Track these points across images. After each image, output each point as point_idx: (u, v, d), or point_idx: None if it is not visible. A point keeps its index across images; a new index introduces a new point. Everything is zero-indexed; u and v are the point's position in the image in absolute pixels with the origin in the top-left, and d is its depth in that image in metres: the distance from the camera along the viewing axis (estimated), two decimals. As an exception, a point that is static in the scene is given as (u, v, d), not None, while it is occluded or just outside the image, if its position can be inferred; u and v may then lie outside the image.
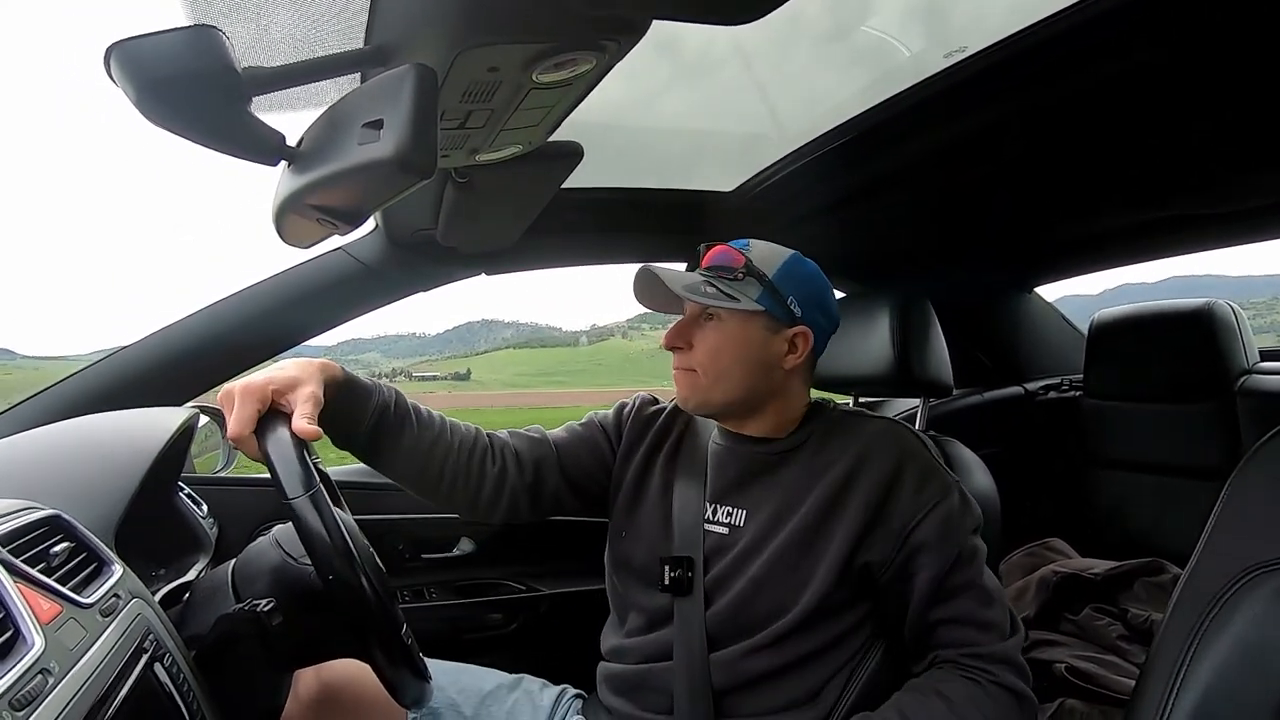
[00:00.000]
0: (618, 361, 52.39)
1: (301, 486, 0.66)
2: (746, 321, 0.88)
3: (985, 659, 0.80)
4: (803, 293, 0.89)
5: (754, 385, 0.89)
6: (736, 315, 0.88)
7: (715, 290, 0.86)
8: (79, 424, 0.90)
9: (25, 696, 0.42)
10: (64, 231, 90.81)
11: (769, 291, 0.87)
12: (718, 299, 0.86)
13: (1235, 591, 0.55)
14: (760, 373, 0.89)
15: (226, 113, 0.48)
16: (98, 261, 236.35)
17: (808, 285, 0.90)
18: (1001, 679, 0.79)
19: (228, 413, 0.72)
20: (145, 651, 0.59)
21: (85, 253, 46.61)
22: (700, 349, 0.89)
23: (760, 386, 0.89)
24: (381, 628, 0.69)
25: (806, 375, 0.94)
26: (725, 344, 0.88)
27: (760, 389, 0.90)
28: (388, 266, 1.26)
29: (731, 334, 0.88)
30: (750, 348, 0.88)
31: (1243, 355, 1.62)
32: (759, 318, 0.88)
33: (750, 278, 0.87)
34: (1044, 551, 1.68)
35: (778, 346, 0.89)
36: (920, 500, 0.83)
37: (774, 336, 0.88)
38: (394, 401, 0.89)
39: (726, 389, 0.89)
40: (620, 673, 0.94)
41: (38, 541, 0.58)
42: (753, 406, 0.91)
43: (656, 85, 0.97)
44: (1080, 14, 0.72)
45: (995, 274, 1.87)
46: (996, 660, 0.80)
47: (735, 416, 0.93)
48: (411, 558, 1.37)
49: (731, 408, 0.91)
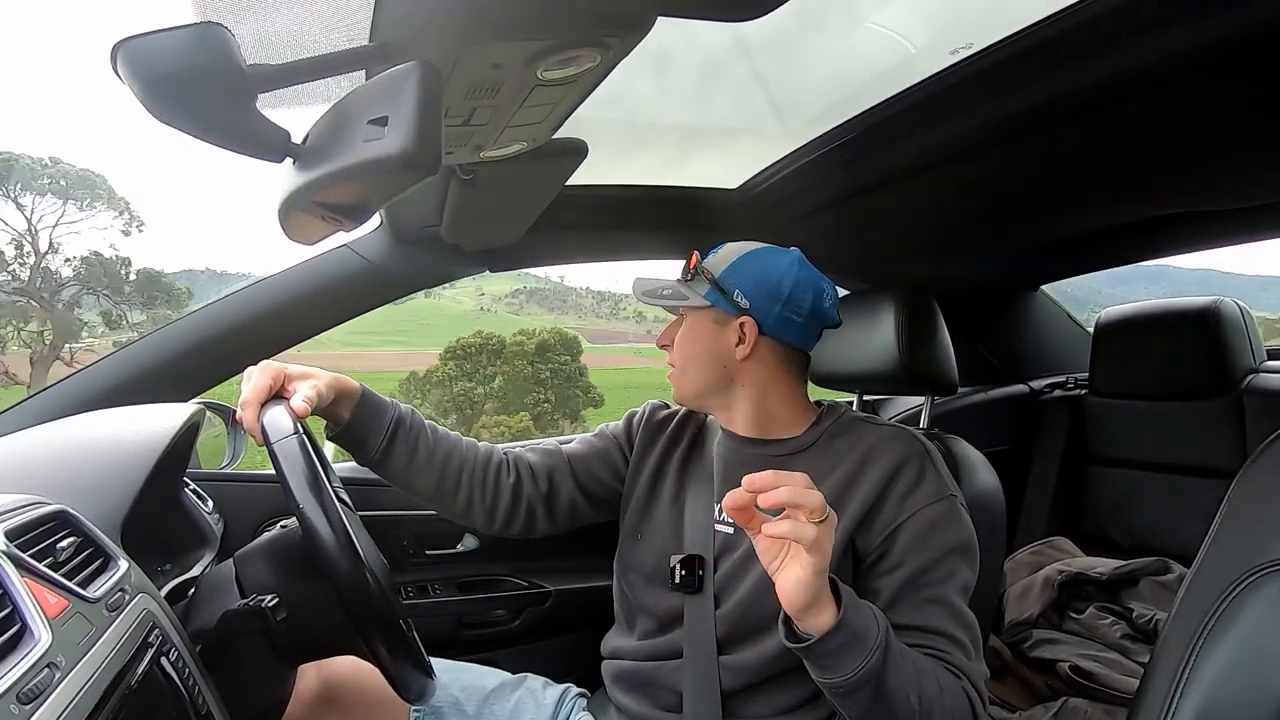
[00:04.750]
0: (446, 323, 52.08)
1: (285, 433, 0.70)
2: (699, 317, 0.94)
3: (958, 668, 0.78)
4: (751, 284, 0.91)
5: (711, 375, 0.94)
6: (693, 312, 0.95)
7: (671, 290, 0.95)
8: (85, 420, 0.91)
9: (32, 690, 0.43)
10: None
11: (714, 287, 0.92)
12: (673, 299, 0.95)
13: (1241, 591, 0.55)
14: (714, 363, 0.93)
15: (232, 110, 0.49)
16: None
17: (760, 278, 0.91)
18: (970, 690, 0.77)
19: (245, 385, 0.80)
20: (151, 646, 0.60)
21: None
22: (675, 345, 0.97)
23: (718, 376, 0.94)
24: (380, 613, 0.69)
25: (781, 364, 0.93)
26: (685, 338, 0.96)
27: (719, 378, 0.94)
28: (392, 263, 1.26)
29: (689, 329, 0.95)
30: (703, 340, 0.94)
31: (1250, 354, 1.61)
32: (708, 312, 0.93)
33: (699, 277, 0.93)
34: (1049, 550, 1.68)
35: (728, 338, 0.92)
36: (910, 501, 0.83)
37: (723, 328, 0.92)
38: (409, 416, 0.93)
39: (692, 379, 0.95)
40: (629, 669, 0.95)
41: (44, 536, 0.58)
42: (718, 395, 0.95)
43: (661, 82, 0.97)
44: (1087, 10, 0.72)
45: (1001, 271, 1.86)
46: (968, 674, 0.78)
47: (715, 409, 0.98)
48: (416, 554, 1.37)
49: (702, 398, 0.97)
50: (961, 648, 0.79)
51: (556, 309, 78.33)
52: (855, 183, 1.19)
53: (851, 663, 0.67)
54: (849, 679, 0.67)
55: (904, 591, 0.80)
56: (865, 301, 1.21)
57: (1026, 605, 1.52)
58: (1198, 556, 0.62)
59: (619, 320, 67.46)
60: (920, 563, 0.81)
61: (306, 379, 0.81)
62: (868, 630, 0.68)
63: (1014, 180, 1.19)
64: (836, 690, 0.69)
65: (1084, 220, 1.52)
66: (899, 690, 0.69)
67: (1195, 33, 0.70)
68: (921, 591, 0.80)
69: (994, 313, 1.99)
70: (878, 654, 0.67)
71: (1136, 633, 1.41)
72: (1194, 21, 0.69)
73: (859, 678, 0.67)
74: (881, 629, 0.69)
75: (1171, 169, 1.13)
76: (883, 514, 0.83)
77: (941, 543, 0.81)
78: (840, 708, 0.73)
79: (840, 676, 0.67)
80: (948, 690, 0.74)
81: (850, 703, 0.69)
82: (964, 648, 0.79)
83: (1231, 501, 0.62)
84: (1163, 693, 0.57)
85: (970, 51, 0.84)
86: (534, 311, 75.42)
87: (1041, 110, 0.88)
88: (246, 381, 0.80)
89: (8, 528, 0.54)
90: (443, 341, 17.25)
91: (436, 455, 0.93)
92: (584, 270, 12.46)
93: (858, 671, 0.66)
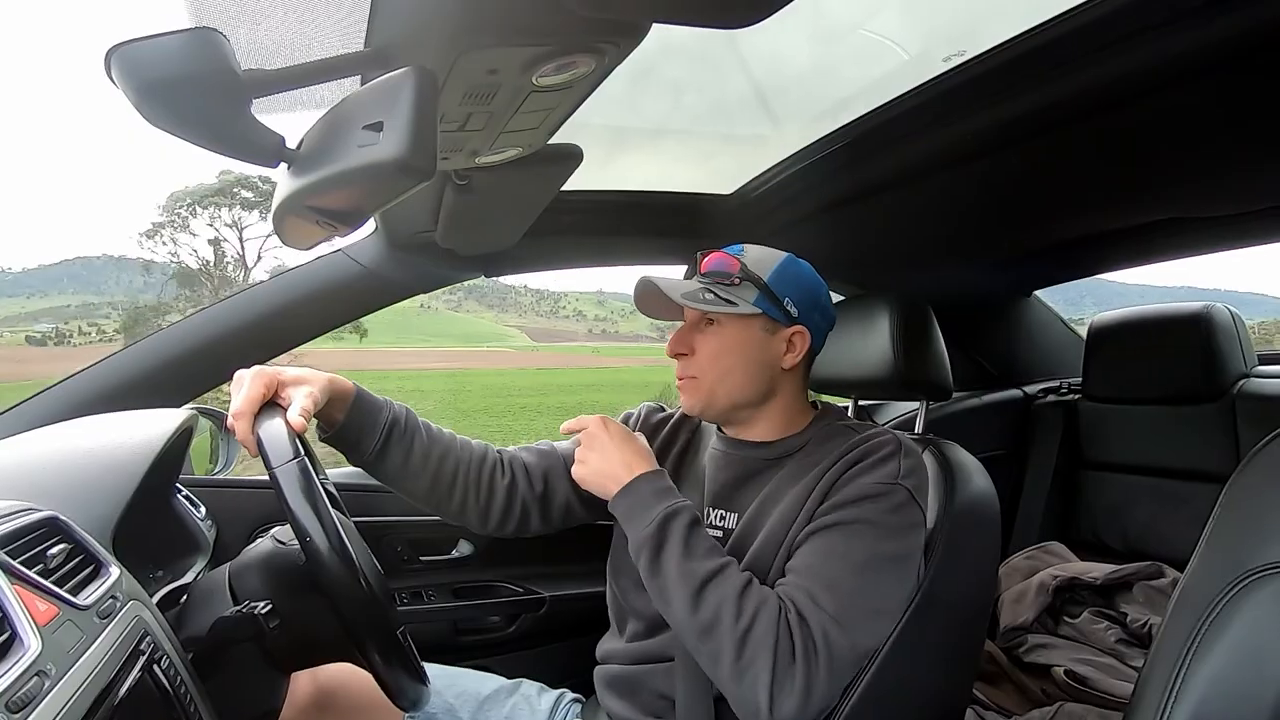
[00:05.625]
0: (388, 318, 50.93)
1: (285, 456, 0.68)
2: (745, 324, 0.89)
3: (796, 606, 0.76)
4: (798, 293, 0.90)
5: (755, 386, 0.90)
6: (735, 319, 0.89)
7: (714, 296, 0.88)
8: (77, 425, 0.90)
9: (22, 698, 0.42)
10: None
11: (765, 294, 0.88)
12: (716, 304, 0.87)
13: (1234, 595, 0.55)
14: (760, 373, 0.90)
15: (227, 115, 0.48)
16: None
17: (803, 285, 0.91)
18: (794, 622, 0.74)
19: (236, 392, 0.76)
20: (142, 653, 0.59)
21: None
22: (702, 354, 0.90)
23: (761, 387, 0.91)
24: (377, 624, 0.69)
25: (804, 374, 0.95)
26: (726, 347, 0.89)
27: (761, 389, 0.91)
28: (387, 268, 1.26)
29: (731, 337, 0.89)
30: (749, 349, 0.89)
31: (1241, 359, 1.62)
32: (757, 320, 0.89)
33: (747, 282, 0.88)
34: (1043, 555, 1.68)
35: (776, 347, 0.90)
36: (858, 470, 0.82)
37: (772, 338, 0.90)
38: (404, 416, 0.91)
39: (730, 391, 0.90)
40: (619, 674, 0.94)
41: (35, 543, 0.58)
42: (756, 407, 0.92)
43: (656, 88, 0.97)
44: (1078, 18, 0.72)
45: (995, 277, 1.87)
46: (803, 614, 0.75)
47: (739, 420, 0.94)
48: (410, 560, 1.36)
49: (736, 410, 0.92)
50: (811, 596, 0.76)
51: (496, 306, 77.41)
52: (849, 189, 1.20)
53: (634, 531, 0.82)
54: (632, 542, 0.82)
55: (810, 534, 0.80)
56: (860, 307, 1.21)
57: (1021, 610, 1.52)
58: (1191, 561, 0.62)
59: (560, 319, 66.93)
60: (836, 516, 0.80)
61: (301, 385, 0.79)
62: (646, 508, 0.82)
63: (1007, 186, 1.20)
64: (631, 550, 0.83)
65: (1077, 226, 1.54)
66: (678, 578, 0.77)
67: (1184, 41, 0.71)
68: (821, 537, 0.79)
69: (988, 318, 2.00)
70: (652, 528, 0.80)
71: (1131, 637, 1.41)
72: (1182, 30, 0.69)
73: (635, 543, 0.82)
74: (658, 516, 0.81)
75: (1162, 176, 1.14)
76: (835, 485, 0.82)
77: (868, 511, 0.79)
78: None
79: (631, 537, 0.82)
80: (748, 608, 0.74)
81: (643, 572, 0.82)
82: (813, 596, 0.76)
83: (1224, 506, 0.62)
84: (1157, 697, 0.57)
85: (963, 59, 0.84)
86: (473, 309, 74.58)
87: (1034, 117, 0.89)
88: (237, 389, 0.77)
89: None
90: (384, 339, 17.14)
91: (432, 456, 0.92)
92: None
93: (635, 537, 0.81)
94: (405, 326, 19.40)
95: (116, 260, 71.46)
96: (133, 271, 72.38)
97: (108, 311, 56.48)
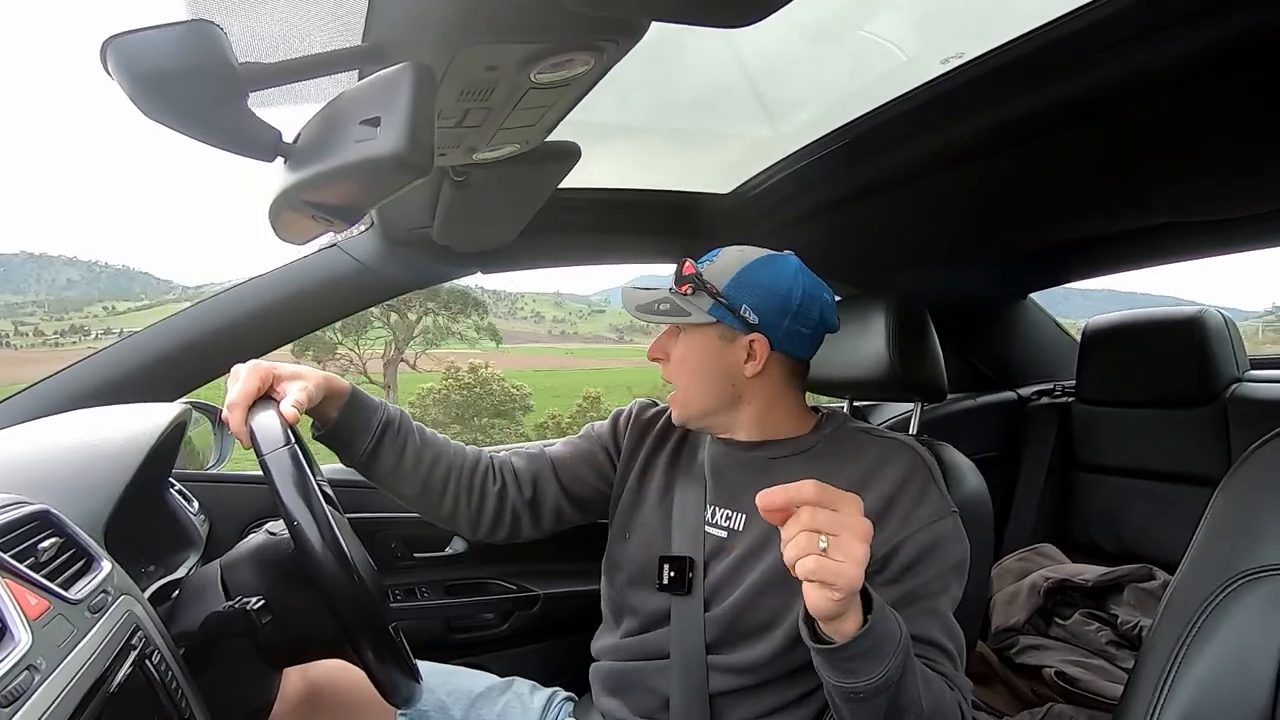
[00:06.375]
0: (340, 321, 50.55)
1: (277, 444, 0.69)
2: (702, 333, 0.90)
3: (950, 680, 0.77)
4: (758, 298, 0.87)
5: (718, 394, 0.91)
6: (693, 328, 0.90)
7: (670, 306, 0.89)
8: (70, 419, 0.90)
9: (12, 692, 0.42)
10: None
11: (718, 303, 0.87)
12: (670, 315, 0.89)
13: (1223, 598, 0.56)
14: (721, 382, 0.90)
15: (223, 108, 0.48)
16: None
17: (766, 290, 0.88)
18: (962, 702, 0.77)
19: (232, 385, 0.78)
20: (134, 648, 0.59)
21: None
22: (673, 360, 0.93)
23: (725, 395, 0.91)
24: (368, 618, 0.69)
25: (785, 379, 0.92)
26: (687, 356, 0.92)
27: (726, 397, 0.91)
28: (383, 264, 1.25)
29: (691, 346, 0.91)
30: (707, 359, 0.90)
31: (1234, 363, 1.63)
32: (713, 328, 0.89)
33: (700, 290, 0.88)
34: (1035, 557, 1.69)
35: (735, 355, 0.89)
36: (913, 518, 0.82)
37: (730, 345, 0.89)
38: (399, 418, 0.92)
39: (696, 399, 0.92)
40: (612, 670, 0.94)
41: (26, 537, 0.58)
42: (728, 412, 0.92)
43: (655, 86, 0.97)
44: (1077, 21, 0.72)
45: (991, 279, 1.88)
46: (958, 687, 0.78)
47: (719, 425, 0.94)
48: (403, 556, 1.36)
49: (709, 416, 0.93)
50: (951, 659, 0.79)
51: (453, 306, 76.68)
52: (847, 189, 1.20)
53: (873, 669, 0.63)
54: (868, 685, 0.64)
55: (901, 603, 0.78)
56: (856, 308, 1.22)
57: (1013, 611, 1.53)
58: (1182, 563, 0.62)
59: (518, 320, 66.00)
60: (920, 578, 0.80)
61: (296, 380, 0.80)
62: (890, 636, 0.64)
63: (1004, 188, 1.20)
64: (851, 696, 0.65)
65: (1073, 229, 1.54)
66: (913, 700, 0.67)
67: (1182, 44, 0.71)
68: (918, 603, 0.79)
69: (984, 320, 2.01)
70: (897, 660, 0.64)
71: (1121, 639, 1.42)
72: (1181, 33, 0.70)
73: (878, 684, 0.64)
74: (904, 635, 0.66)
75: (1159, 180, 1.15)
76: (886, 528, 0.81)
77: (941, 560, 0.81)
78: (847, 713, 0.69)
79: (858, 681, 0.64)
80: (947, 702, 0.74)
81: (862, 709, 0.67)
82: (954, 659, 0.79)
83: (1215, 508, 0.62)
84: (1147, 698, 0.57)
85: (961, 61, 0.84)
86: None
87: (1032, 120, 0.89)
88: (234, 381, 0.78)
89: (-11, 527, 0.54)
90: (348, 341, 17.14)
91: (424, 459, 0.92)
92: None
93: (878, 678, 0.64)
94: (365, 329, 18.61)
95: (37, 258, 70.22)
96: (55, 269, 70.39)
97: (32, 309, 55.13)
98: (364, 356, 16.84)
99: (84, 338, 43.64)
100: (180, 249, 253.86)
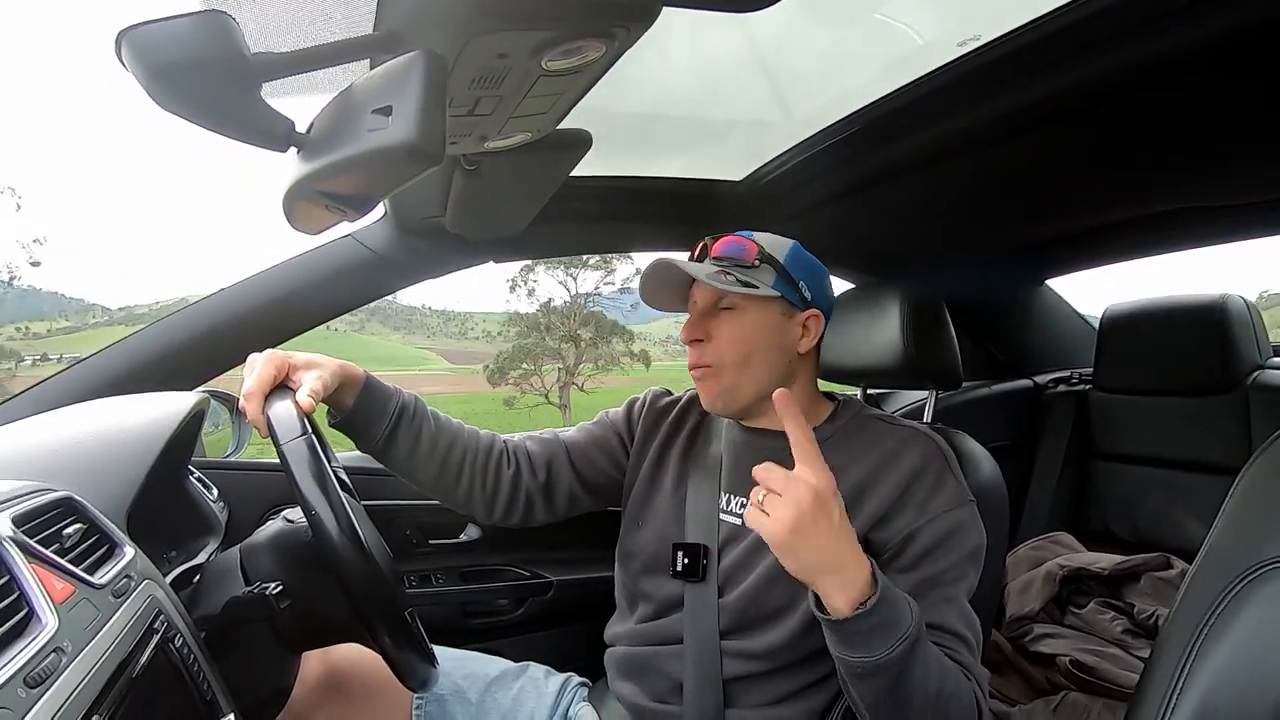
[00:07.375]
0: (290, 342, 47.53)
1: (294, 434, 0.70)
2: (764, 308, 0.89)
3: (966, 668, 0.78)
4: (811, 278, 0.90)
5: (774, 371, 0.90)
6: (754, 303, 0.88)
7: (733, 279, 0.86)
8: (92, 407, 0.91)
9: (39, 674, 0.43)
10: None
11: (782, 277, 0.88)
12: (733, 286, 0.86)
13: (1243, 588, 0.55)
14: (780, 359, 0.90)
15: (236, 99, 0.48)
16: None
17: (813, 270, 0.91)
18: (977, 690, 0.77)
19: (249, 375, 0.78)
20: (156, 632, 0.60)
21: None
22: (721, 339, 0.89)
23: (780, 372, 0.90)
24: (385, 603, 0.70)
25: (816, 361, 0.95)
26: (745, 332, 0.88)
27: (780, 375, 0.90)
28: (396, 253, 1.26)
29: (751, 322, 0.89)
30: (768, 334, 0.89)
31: (1256, 350, 1.60)
32: (775, 304, 0.89)
33: (765, 264, 0.88)
34: (1050, 545, 1.68)
35: (793, 331, 0.90)
36: (930, 506, 0.82)
37: (789, 322, 0.90)
38: (414, 403, 0.93)
39: (750, 378, 0.89)
40: (627, 655, 0.95)
41: (51, 523, 0.59)
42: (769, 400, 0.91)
43: (666, 73, 0.96)
44: (1094, 3, 0.71)
45: (1007, 266, 1.85)
46: (974, 674, 0.78)
47: (761, 410, 0.93)
48: (419, 543, 1.38)
49: (755, 400, 0.91)
50: (968, 647, 0.79)
51: (403, 328, 73.82)
52: (861, 176, 1.18)
53: (873, 648, 0.67)
54: (874, 661, 0.67)
55: (918, 590, 0.79)
56: (870, 295, 1.21)
57: (1028, 600, 1.52)
58: (1200, 552, 0.62)
59: (469, 340, 64.00)
60: (937, 565, 0.80)
61: (311, 369, 0.81)
62: (899, 620, 0.68)
63: (1020, 174, 1.19)
64: (856, 670, 0.69)
65: (1090, 215, 1.52)
66: (920, 682, 0.69)
67: (1201, 28, 0.69)
68: (935, 590, 0.80)
69: (999, 307, 1.99)
70: (906, 643, 0.67)
71: (1137, 628, 1.41)
72: (1200, 17, 0.68)
73: (878, 663, 0.67)
74: (915, 622, 0.69)
75: (1178, 164, 1.13)
76: (902, 515, 0.82)
77: (958, 547, 0.81)
78: (853, 689, 0.72)
79: (864, 658, 0.68)
80: (961, 689, 0.74)
81: (866, 686, 0.70)
82: (970, 647, 0.80)
83: (1234, 498, 0.62)
84: (1163, 688, 0.57)
85: (978, 44, 0.83)
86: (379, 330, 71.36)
87: (1049, 104, 0.88)
88: (250, 370, 0.79)
89: (15, 514, 0.55)
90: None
91: (439, 445, 0.93)
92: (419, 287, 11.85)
93: (879, 657, 0.67)
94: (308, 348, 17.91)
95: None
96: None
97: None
98: (545, 382, 19.94)
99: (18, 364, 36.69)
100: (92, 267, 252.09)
